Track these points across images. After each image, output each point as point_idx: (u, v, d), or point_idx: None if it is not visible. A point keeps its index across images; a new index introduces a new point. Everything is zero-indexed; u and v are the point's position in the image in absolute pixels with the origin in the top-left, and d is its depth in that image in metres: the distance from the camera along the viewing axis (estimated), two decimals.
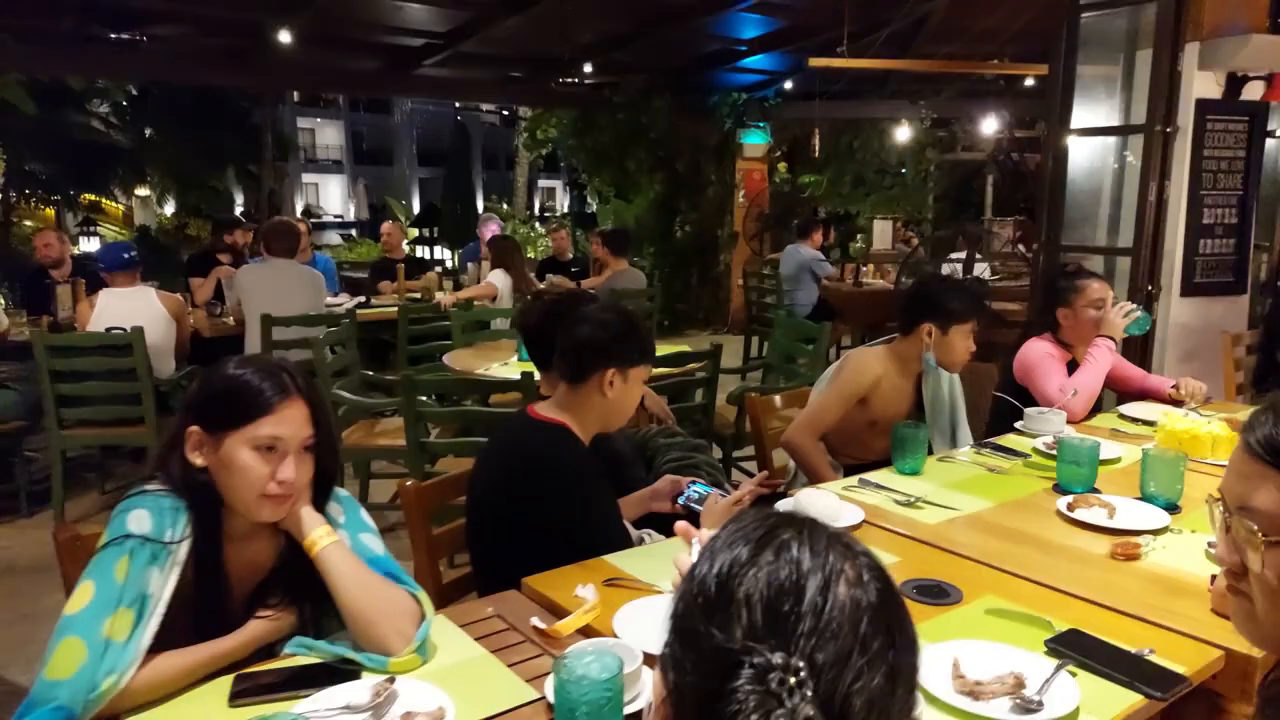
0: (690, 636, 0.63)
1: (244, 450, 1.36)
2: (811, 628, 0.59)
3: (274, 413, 1.37)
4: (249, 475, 1.36)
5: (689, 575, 0.66)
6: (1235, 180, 4.55)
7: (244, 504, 1.38)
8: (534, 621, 1.49)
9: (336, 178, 35.19)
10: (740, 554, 0.64)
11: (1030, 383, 2.93)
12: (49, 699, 1.19)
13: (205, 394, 1.42)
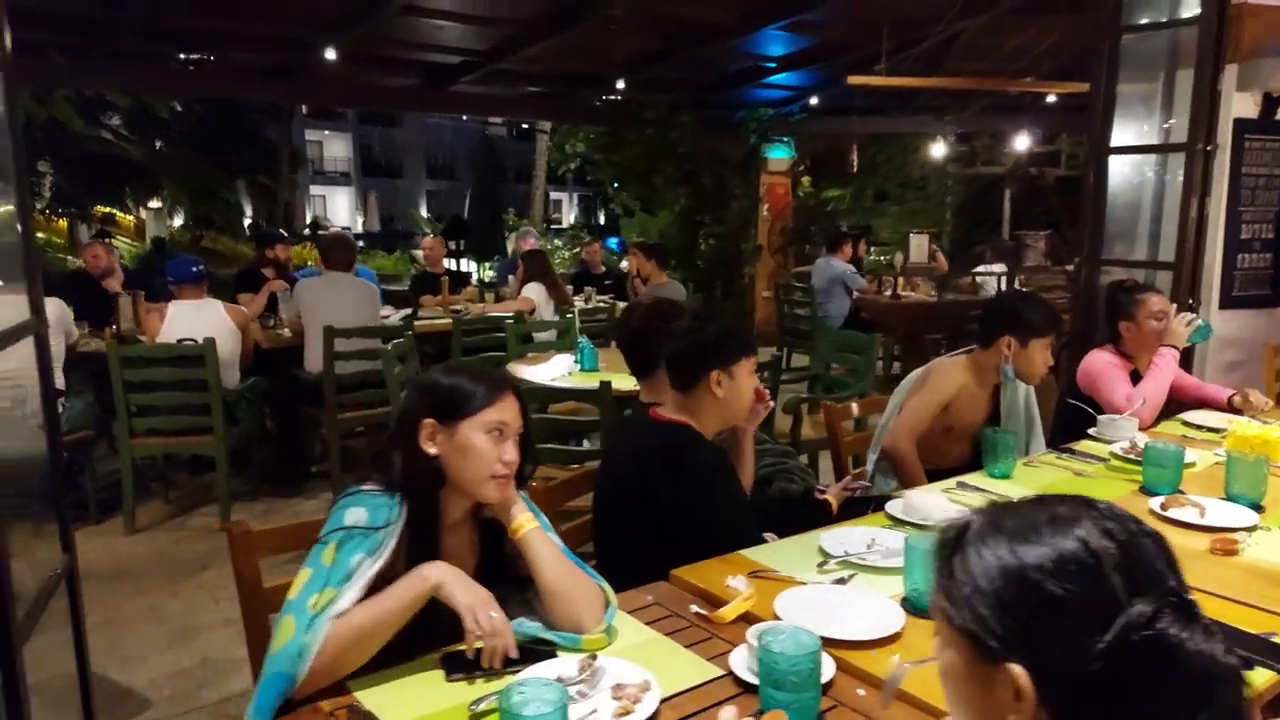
0: (1056, 603, 0.76)
1: (478, 434, 1.53)
2: (1149, 573, 0.74)
3: (499, 402, 1.55)
4: (482, 456, 1.53)
5: (1025, 566, 0.78)
6: (1271, 197, 4.69)
7: (473, 484, 1.54)
8: (694, 609, 1.62)
9: (344, 190, 35.45)
10: (1075, 532, 0.77)
11: (1096, 392, 3.06)
12: (271, 669, 1.33)
13: (437, 391, 1.58)
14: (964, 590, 0.81)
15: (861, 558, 1.80)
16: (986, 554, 0.80)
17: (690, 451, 1.96)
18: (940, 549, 0.86)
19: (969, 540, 0.83)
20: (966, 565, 0.82)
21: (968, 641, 0.81)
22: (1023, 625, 0.77)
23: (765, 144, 10.38)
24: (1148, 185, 4.90)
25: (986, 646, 0.79)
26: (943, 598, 0.84)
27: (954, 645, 0.83)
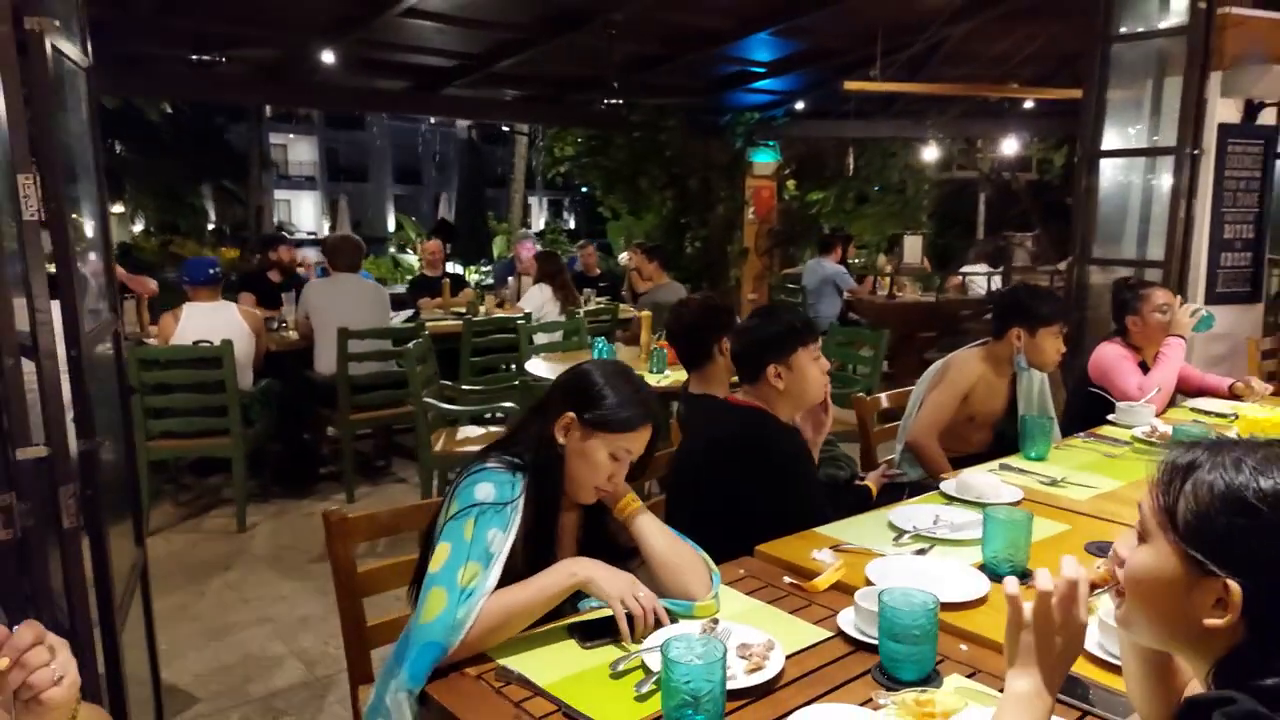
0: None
1: (603, 451, 1.64)
2: None
3: (636, 432, 1.65)
4: (598, 471, 1.64)
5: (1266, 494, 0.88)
6: (1252, 199, 4.92)
7: (577, 486, 1.66)
8: (787, 579, 1.74)
9: (309, 194, 35.03)
10: None
11: (1109, 383, 3.23)
12: (425, 638, 1.42)
13: (593, 395, 1.66)
14: (1198, 510, 0.92)
15: (931, 531, 1.94)
16: (1228, 477, 0.91)
17: (769, 433, 2.09)
18: (1169, 471, 0.96)
19: (1206, 468, 0.93)
20: (1203, 486, 0.92)
21: (1185, 555, 0.92)
22: (1250, 549, 0.89)
23: (751, 148, 10.56)
24: (1135, 187, 5.12)
25: (1206, 562, 0.90)
26: (1163, 514, 0.95)
27: (1164, 555, 0.94)
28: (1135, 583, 0.98)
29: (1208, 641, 0.92)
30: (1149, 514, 0.98)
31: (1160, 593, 0.95)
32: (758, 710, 1.31)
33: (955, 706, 1.28)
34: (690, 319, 2.60)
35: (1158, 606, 0.96)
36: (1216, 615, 0.90)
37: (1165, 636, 0.99)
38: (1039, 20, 7.02)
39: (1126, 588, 1.00)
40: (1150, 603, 0.97)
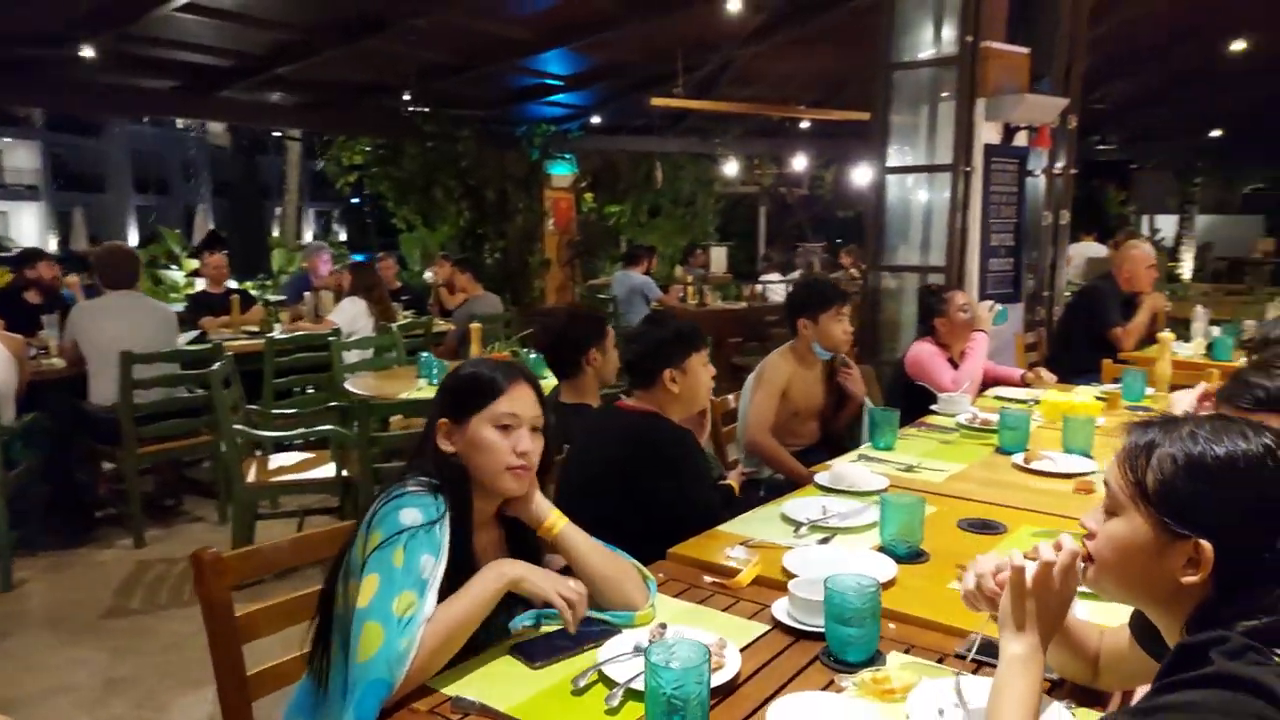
0: (1255, 494, 0.98)
1: (487, 428, 1.55)
2: None
3: (507, 393, 1.57)
4: (494, 450, 1.55)
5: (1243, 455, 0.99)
6: (1012, 210, 5.58)
7: (491, 477, 1.56)
8: (708, 579, 1.76)
9: (31, 205, 31.01)
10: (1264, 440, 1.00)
11: (925, 378, 3.55)
12: (368, 676, 1.30)
13: (449, 389, 1.61)
14: (1165, 479, 1.02)
15: (825, 521, 2.03)
16: (1188, 448, 1.02)
17: (668, 436, 2.11)
18: (1133, 450, 1.07)
19: (1167, 440, 1.04)
20: (1166, 458, 1.03)
21: (1158, 521, 1.02)
22: (1215, 509, 0.99)
23: (548, 160, 10.60)
24: (917, 201, 5.64)
25: (1178, 526, 1.00)
26: (1134, 486, 1.04)
27: (1136, 523, 1.04)
28: (1111, 551, 1.08)
29: (1179, 599, 1.03)
30: (1119, 489, 1.08)
31: (1135, 558, 1.06)
32: (728, 709, 1.31)
33: (911, 680, 1.35)
34: (562, 328, 2.57)
35: (1133, 570, 1.07)
36: (1189, 573, 1.01)
37: (1138, 597, 1.10)
38: (817, 48, 7.59)
39: (1100, 556, 1.10)
40: (1126, 568, 1.07)
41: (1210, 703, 0.89)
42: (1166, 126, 12.83)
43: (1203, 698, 0.89)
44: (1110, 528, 1.08)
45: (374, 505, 1.49)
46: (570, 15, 6.73)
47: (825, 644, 1.47)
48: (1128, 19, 6.87)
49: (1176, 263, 14.01)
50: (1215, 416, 1.09)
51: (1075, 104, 5.65)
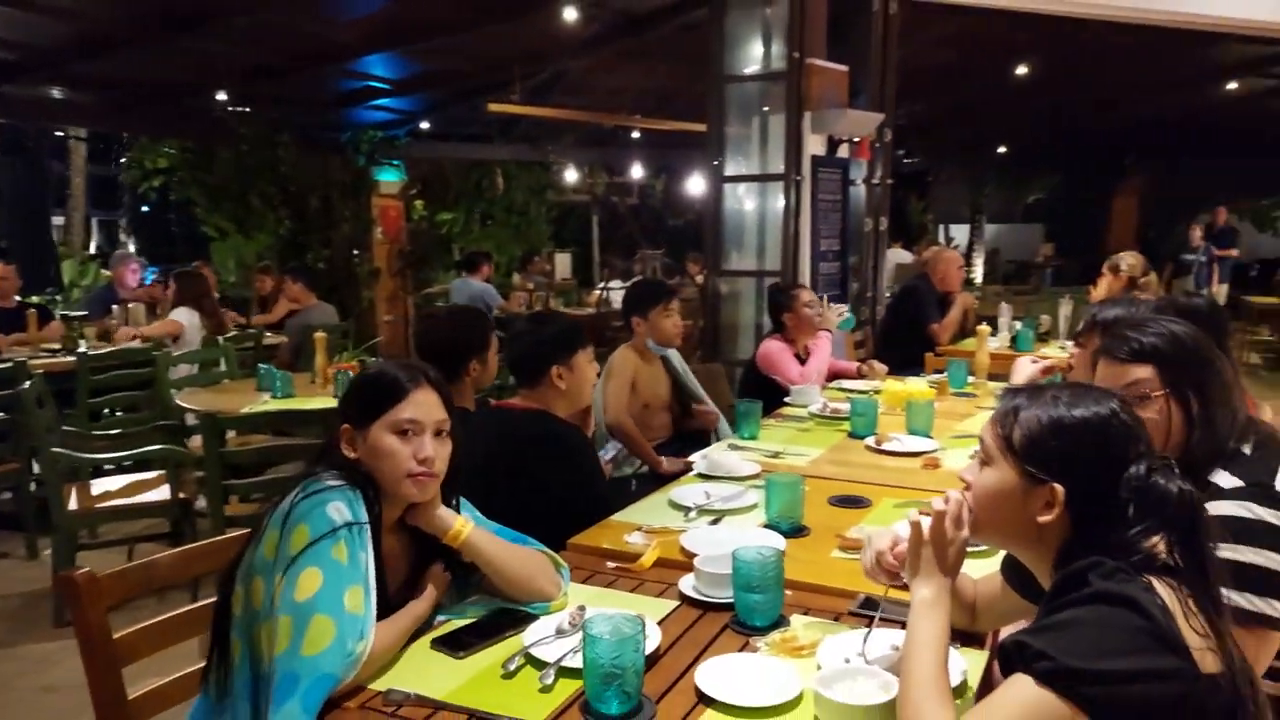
0: (1104, 446, 1.14)
1: (387, 435, 1.50)
2: (1148, 440, 1.16)
3: (408, 398, 1.53)
4: (394, 457, 1.50)
5: (1093, 417, 1.15)
6: (837, 217, 5.98)
7: (393, 485, 1.51)
8: (610, 564, 1.82)
9: None
10: (1111, 404, 1.17)
11: (775, 372, 3.76)
12: (317, 670, 1.27)
13: (350, 394, 1.57)
14: (1028, 435, 1.18)
15: (710, 505, 2.13)
16: (1049, 410, 1.18)
17: (560, 431, 2.13)
18: (1004, 412, 1.22)
19: (1031, 404, 1.20)
20: (1030, 418, 1.18)
21: (1024, 470, 1.18)
22: (1072, 459, 1.15)
23: (374, 166, 10.28)
24: (752, 209, 5.92)
25: (1038, 473, 1.16)
26: (1003, 441, 1.21)
27: (1005, 473, 1.20)
28: (984, 496, 1.24)
29: (1044, 539, 1.19)
30: (991, 443, 1.24)
31: (1003, 502, 1.21)
32: (656, 676, 1.37)
33: (816, 638, 1.46)
34: (444, 334, 2.52)
35: (1002, 513, 1.22)
36: (1047, 513, 1.17)
37: (1009, 537, 1.26)
38: (647, 61, 7.81)
39: (976, 503, 1.25)
40: (996, 511, 1.23)
41: (1092, 617, 1.04)
42: (961, 142, 14.10)
43: (1085, 613, 1.05)
44: (984, 477, 1.24)
45: (288, 501, 1.44)
46: (401, 20, 6.60)
47: (734, 613, 1.56)
48: (926, 44, 7.52)
49: (970, 267, 15.38)
50: (1072, 384, 1.27)
51: (889, 119, 6.13)
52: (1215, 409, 1.53)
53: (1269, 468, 1.51)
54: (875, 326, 6.10)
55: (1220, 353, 1.61)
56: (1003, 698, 1.04)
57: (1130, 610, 1.03)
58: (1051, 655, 1.01)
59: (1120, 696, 0.99)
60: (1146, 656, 1.00)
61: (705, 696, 1.29)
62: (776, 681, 1.31)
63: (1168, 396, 1.52)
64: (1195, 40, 7.53)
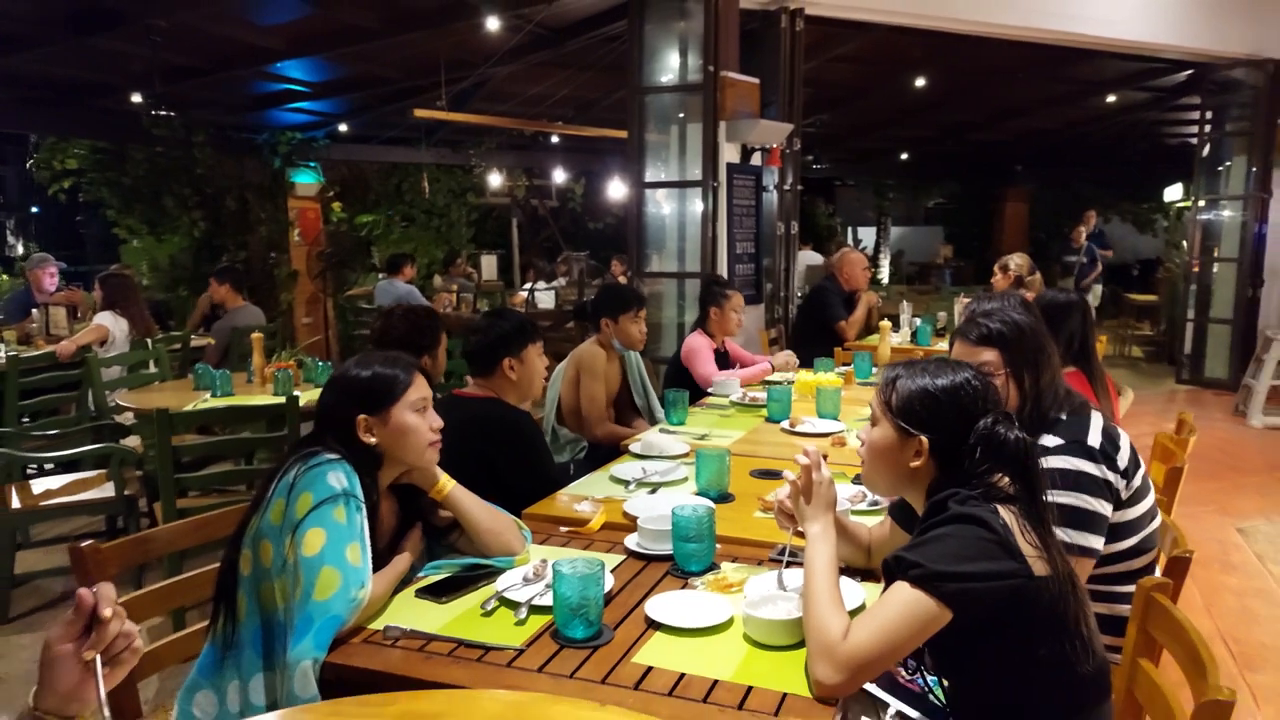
0: (958, 406, 1.45)
1: (409, 414, 1.77)
2: (995, 400, 1.47)
3: (416, 381, 1.81)
4: (419, 431, 1.78)
5: (941, 386, 1.47)
6: (751, 222, 6.34)
7: (418, 455, 1.78)
8: (564, 529, 2.07)
9: None
10: (965, 373, 1.50)
11: (693, 366, 4.05)
12: (326, 613, 1.49)
13: (361, 387, 1.77)
14: (901, 399, 1.49)
15: (648, 479, 2.41)
16: (918, 380, 1.49)
17: (514, 416, 2.37)
18: (887, 381, 1.54)
19: (906, 375, 1.51)
20: (903, 386, 1.50)
21: (898, 426, 1.49)
22: (934, 417, 1.46)
23: (290, 168, 10.24)
24: (672, 213, 6.23)
25: (909, 428, 1.47)
26: (884, 405, 1.52)
27: (886, 430, 1.52)
28: (872, 449, 1.56)
29: (917, 480, 1.51)
30: (877, 407, 1.55)
31: (886, 453, 1.54)
32: (613, 610, 1.63)
33: (741, 577, 1.75)
34: (401, 333, 2.72)
35: (885, 462, 1.54)
36: (916, 460, 1.49)
37: (892, 482, 1.57)
38: (567, 70, 8.05)
39: (868, 455, 1.56)
40: (881, 460, 1.55)
41: (951, 532, 1.36)
42: (864, 150, 14.75)
43: (946, 530, 1.37)
44: (872, 435, 1.56)
45: (290, 473, 1.65)
46: (321, 26, 6.68)
47: (672, 561, 1.84)
48: (830, 59, 7.98)
49: (876, 268, 16.11)
50: (938, 359, 1.59)
51: (798, 129, 6.52)
52: (1043, 386, 1.89)
53: (1082, 427, 1.87)
54: (787, 324, 6.47)
55: (1050, 337, 1.97)
56: (885, 601, 1.34)
57: (980, 527, 1.34)
58: (920, 563, 1.32)
59: (972, 592, 1.31)
60: (992, 561, 1.32)
61: (653, 622, 1.56)
62: (711, 610, 1.59)
63: (1008, 375, 1.87)
64: (1077, 57, 8.18)
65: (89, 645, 0.99)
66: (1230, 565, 4.12)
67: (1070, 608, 1.37)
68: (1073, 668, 1.38)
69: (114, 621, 1.00)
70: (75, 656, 0.99)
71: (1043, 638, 1.36)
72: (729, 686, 1.36)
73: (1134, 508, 1.88)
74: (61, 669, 1.00)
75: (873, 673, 1.33)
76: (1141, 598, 1.61)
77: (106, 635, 1.00)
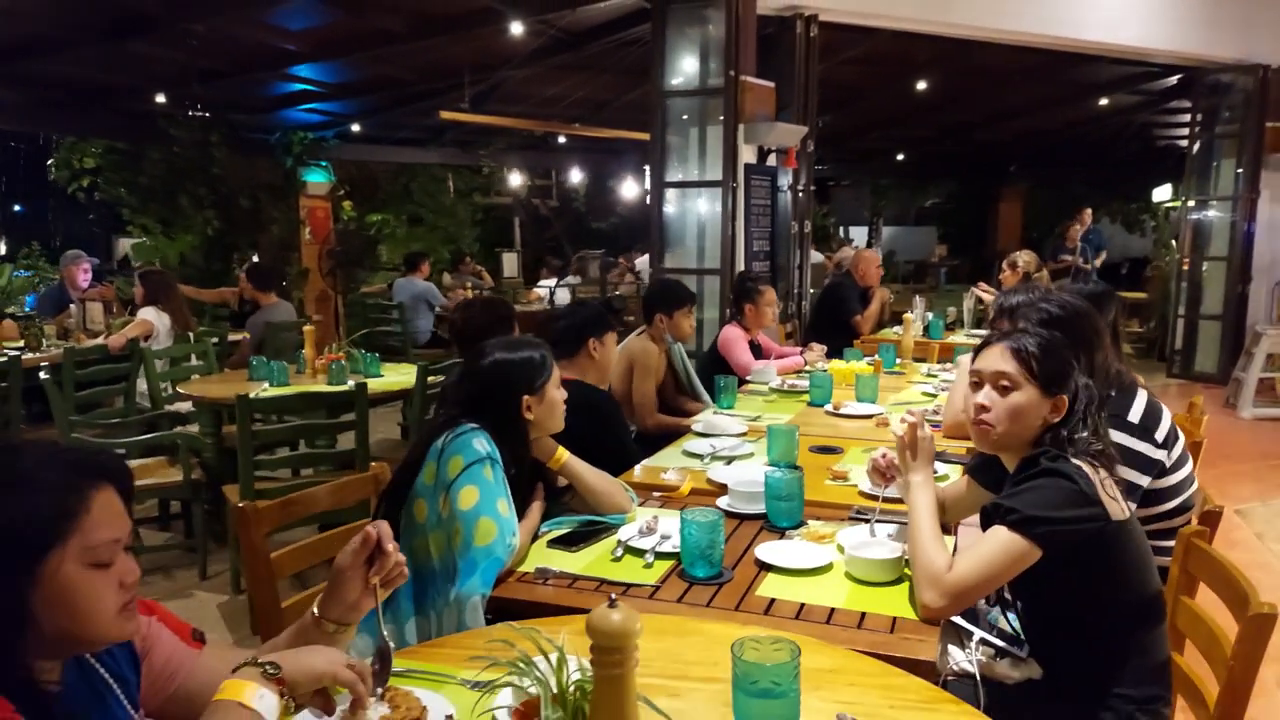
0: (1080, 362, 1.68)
1: (555, 391, 2.04)
2: None
3: (555, 366, 2.07)
4: (560, 403, 2.06)
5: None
6: (767, 220, 6.58)
7: (557, 424, 2.05)
8: (656, 494, 2.31)
9: None
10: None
11: (731, 356, 4.29)
12: (489, 556, 1.72)
13: (527, 370, 2.01)
14: (1047, 364, 1.68)
15: (719, 453, 2.64)
16: (1053, 344, 1.71)
17: (594, 397, 2.60)
18: (1019, 347, 1.71)
19: (1042, 339, 1.72)
20: (1048, 343, 1.70)
21: (1044, 389, 1.68)
22: (1070, 376, 1.69)
23: (302, 167, 10.41)
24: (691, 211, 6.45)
25: (1052, 388, 1.68)
26: (1026, 372, 1.68)
27: (1030, 394, 1.68)
28: (1016, 413, 1.70)
29: (1035, 435, 1.71)
30: (1017, 372, 1.71)
31: (1030, 414, 1.70)
32: (728, 553, 1.86)
33: (830, 530, 1.98)
34: (481, 322, 2.94)
35: (1026, 423, 1.70)
36: (1056, 414, 1.69)
37: (1028, 439, 1.72)
38: (583, 72, 8.27)
39: (1007, 419, 1.71)
40: (1023, 422, 1.70)
41: (1042, 484, 1.59)
42: (862, 150, 15.04)
43: (1038, 483, 1.60)
44: (1014, 400, 1.70)
45: (439, 440, 1.87)
46: (352, 30, 6.88)
47: (764, 519, 2.07)
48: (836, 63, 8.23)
49: None
50: (1042, 315, 1.82)
51: (812, 131, 6.76)
52: (1096, 364, 2.13)
53: (1126, 404, 2.11)
54: (801, 318, 6.72)
55: (1101, 319, 2.21)
56: (986, 542, 1.58)
57: (1065, 480, 1.58)
58: (1017, 509, 1.55)
59: (1060, 534, 1.54)
60: (1075, 508, 1.56)
61: (765, 564, 1.80)
62: (813, 555, 1.83)
63: None
64: (1072, 61, 8.48)
65: (374, 571, 1.23)
66: (1232, 542, 4.40)
67: (1136, 544, 1.61)
68: (1133, 595, 1.62)
69: (392, 552, 1.23)
70: (359, 578, 1.22)
71: (1112, 570, 1.60)
72: (845, 613, 1.60)
73: (1175, 474, 2.13)
74: (348, 586, 1.23)
75: (971, 599, 1.57)
76: (1182, 543, 1.85)
77: (387, 563, 1.23)
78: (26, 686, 1.02)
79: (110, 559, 1.05)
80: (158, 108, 8.33)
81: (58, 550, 1.00)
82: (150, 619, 1.24)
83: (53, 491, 1.01)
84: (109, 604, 1.05)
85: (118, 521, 1.06)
